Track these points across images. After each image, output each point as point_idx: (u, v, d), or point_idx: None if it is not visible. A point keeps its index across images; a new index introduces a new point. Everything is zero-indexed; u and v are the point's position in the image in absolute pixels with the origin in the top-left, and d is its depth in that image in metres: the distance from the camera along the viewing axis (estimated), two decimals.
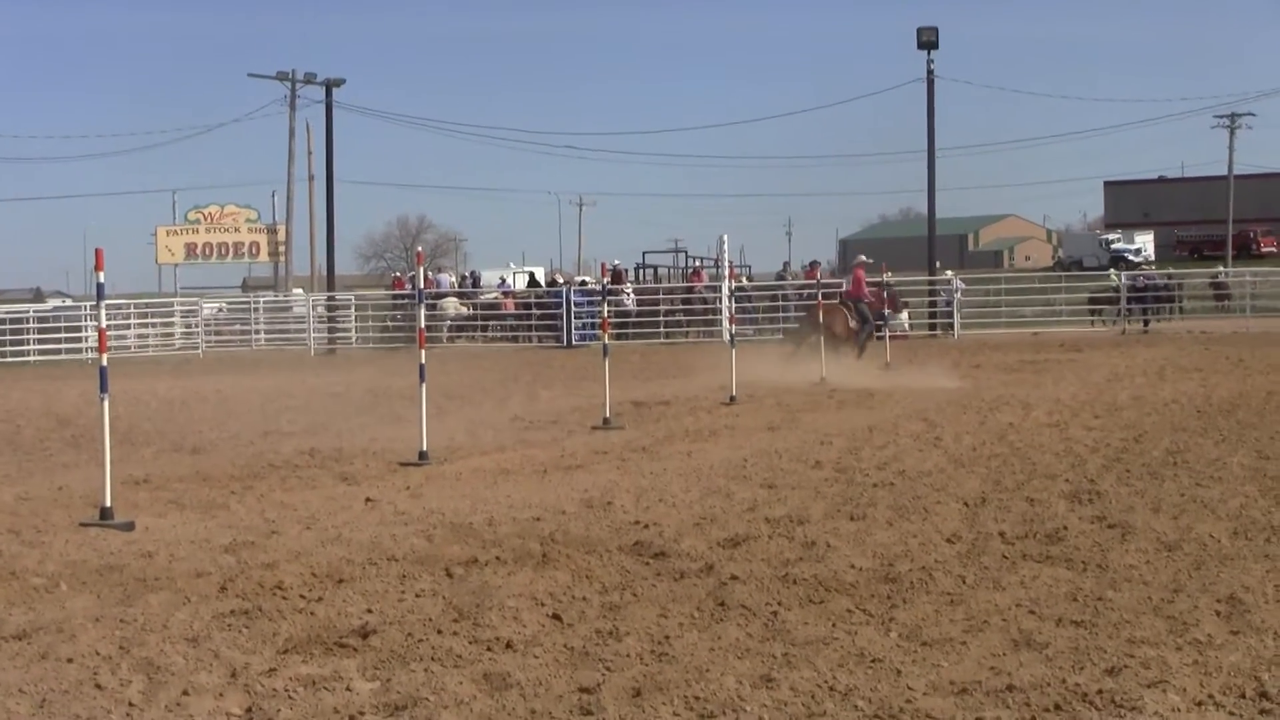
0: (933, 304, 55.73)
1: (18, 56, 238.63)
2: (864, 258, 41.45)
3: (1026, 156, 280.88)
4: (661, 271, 71.08)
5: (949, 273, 59.93)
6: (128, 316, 58.54)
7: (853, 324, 37.28)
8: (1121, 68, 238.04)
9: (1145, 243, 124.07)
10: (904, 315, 53.32)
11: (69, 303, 75.50)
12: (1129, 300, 53.47)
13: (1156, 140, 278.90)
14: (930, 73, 58.99)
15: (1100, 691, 7.70)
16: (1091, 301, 56.68)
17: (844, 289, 39.92)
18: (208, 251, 71.73)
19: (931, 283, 56.96)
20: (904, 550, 11.51)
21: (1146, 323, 52.94)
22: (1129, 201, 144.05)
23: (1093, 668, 8.13)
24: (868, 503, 13.86)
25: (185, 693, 8.03)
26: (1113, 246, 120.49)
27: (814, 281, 45.13)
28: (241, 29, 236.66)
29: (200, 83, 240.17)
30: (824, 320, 35.35)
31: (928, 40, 58.94)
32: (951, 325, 52.98)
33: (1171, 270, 63.96)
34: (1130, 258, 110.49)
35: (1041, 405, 23.42)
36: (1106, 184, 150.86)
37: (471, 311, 58.83)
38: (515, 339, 56.12)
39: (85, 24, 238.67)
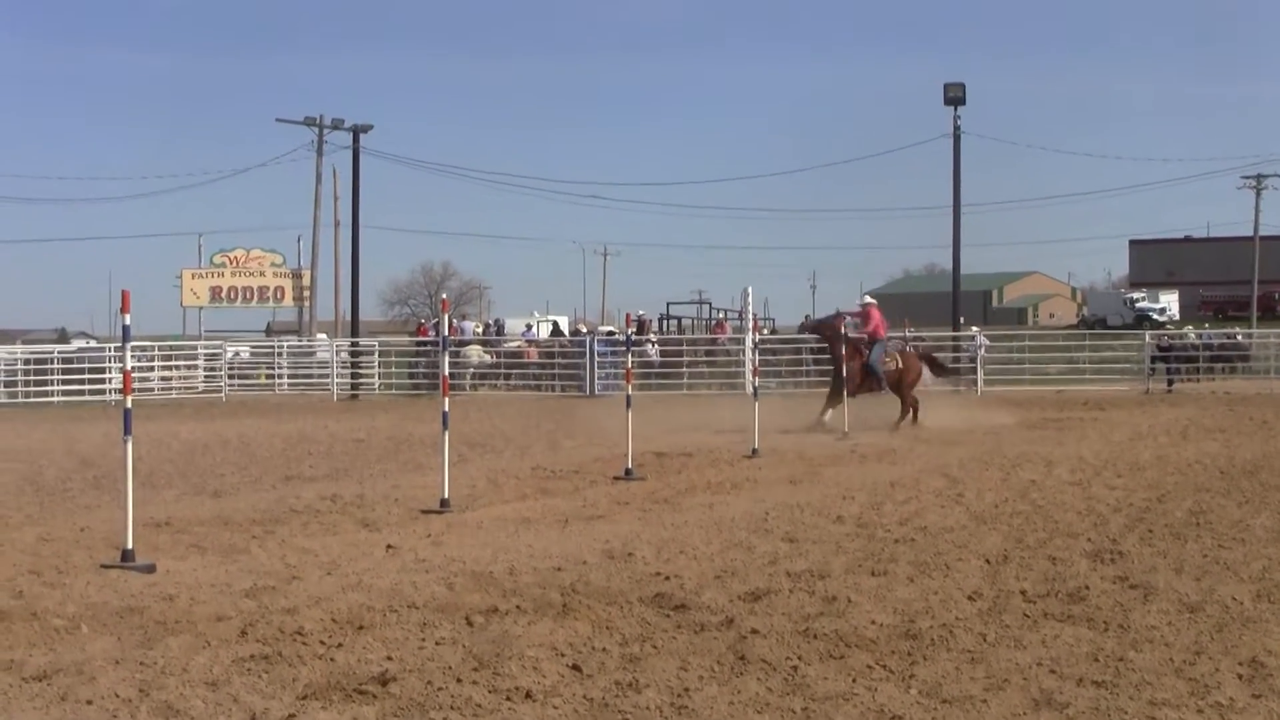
0: (956, 359, 55.63)
1: (44, 97, 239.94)
2: (870, 300, 37.39)
3: (1051, 214, 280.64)
4: (685, 322, 71.11)
5: (974, 329, 59.90)
6: (152, 359, 58.64)
7: (885, 365, 34.64)
8: (1148, 127, 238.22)
9: (1170, 302, 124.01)
10: (926, 370, 53.21)
11: (93, 344, 75.72)
12: (1154, 360, 53.33)
13: (1182, 200, 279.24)
14: (957, 128, 59.11)
15: None
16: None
17: (859, 329, 35.55)
18: (232, 295, 71.84)
19: (955, 338, 56.89)
20: (925, 607, 11.48)
21: (1171, 383, 52.81)
22: (1154, 260, 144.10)
23: None
24: (889, 558, 13.82)
25: None
26: (1137, 305, 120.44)
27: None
28: (268, 73, 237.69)
29: (227, 126, 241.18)
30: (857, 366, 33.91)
31: (954, 96, 59.06)
32: (975, 381, 52.87)
33: (1202, 331, 63.72)
34: (1155, 317, 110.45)
35: (1064, 463, 23.35)
36: (1132, 242, 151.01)
37: (495, 359, 58.86)
38: (538, 388, 56.10)
39: (113, 66, 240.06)
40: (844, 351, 33.58)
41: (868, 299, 36.87)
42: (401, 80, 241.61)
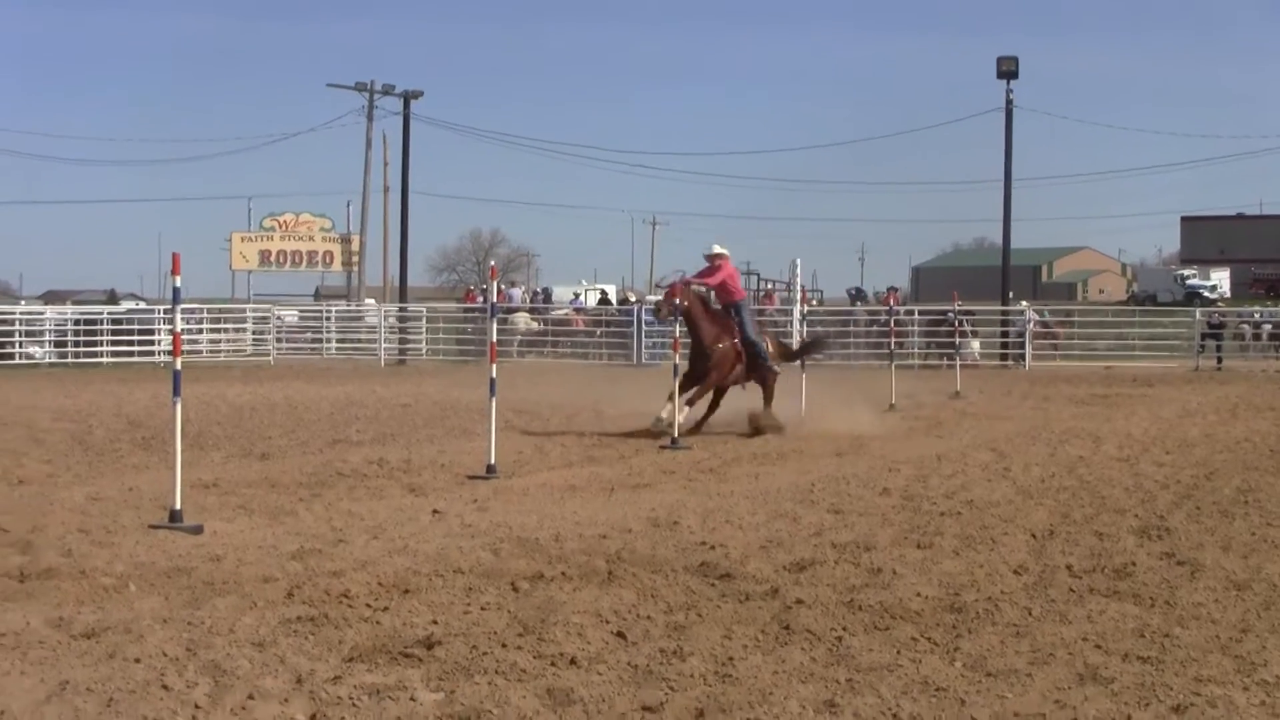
0: (1005, 334, 55.43)
1: (95, 60, 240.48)
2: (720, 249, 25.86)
3: (1102, 189, 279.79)
4: None
5: (1024, 303, 59.69)
6: (200, 321, 58.81)
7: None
8: (1201, 102, 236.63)
9: (1221, 279, 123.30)
10: (975, 344, 53.15)
11: (142, 305, 75.90)
12: (1203, 337, 53.04)
13: (1234, 177, 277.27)
14: (1009, 102, 58.75)
15: None
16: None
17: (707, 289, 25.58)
18: (281, 259, 71.93)
19: (1005, 313, 56.68)
20: (970, 580, 11.47)
21: (1221, 360, 52.54)
22: (1205, 237, 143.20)
23: (1159, 705, 8.08)
24: (934, 531, 13.81)
25: (251, 697, 8.07)
26: (1188, 282, 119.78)
27: (887, 306, 45.01)
28: (320, 38, 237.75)
29: (278, 91, 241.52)
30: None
31: (1007, 70, 58.69)
32: (1023, 356, 52.69)
33: (1260, 309, 63.27)
34: (1205, 294, 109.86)
35: (1112, 439, 23.27)
36: (1183, 219, 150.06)
37: (542, 327, 58.89)
38: (585, 356, 56.06)
39: (165, 29, 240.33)
40: (708, 328, 24.84)
41: (717, 248, 25.78)
42: (452, 47, 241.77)
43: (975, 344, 53.12)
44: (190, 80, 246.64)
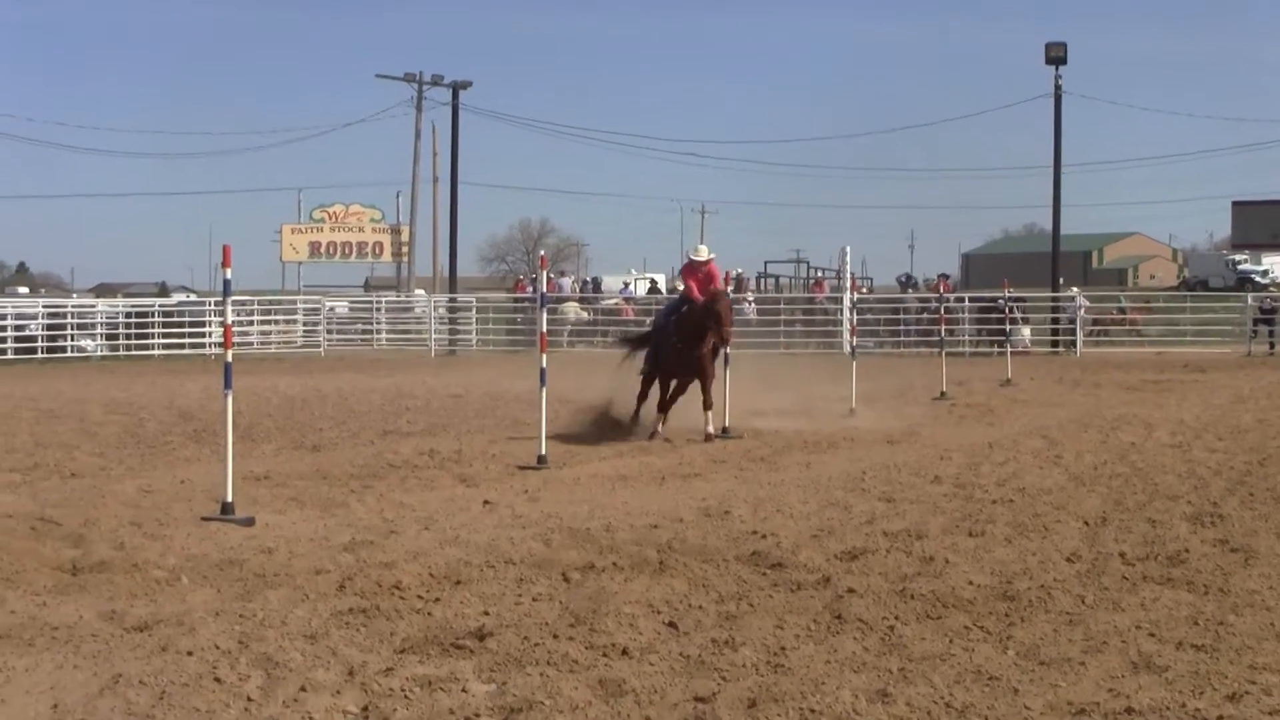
0: (1055, 320, 55.24)
1: (146, 51, 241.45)
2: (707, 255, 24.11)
3: (1153, 174, 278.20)
4: (783, 281, 70.96)
5: (1074, 289, 59.46)
6: (251, 313, 59.01)
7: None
8: (1252, 88, 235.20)
9: (1273, 264, 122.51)
10: (1026, 331, 52.96)
11: (193, 298, 76.27)
12: (1256, 322, 52.70)
13: None
14: (1058, 88, 58.48)
15: (1221, 717, 7.64)
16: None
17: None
18: (331, 250, 72.03)
19: (1055, 299, 56.47)
20: (1023, 568, 11.43)
21: (1273, 345, 52.22)
22: (1257, 222, 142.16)
23: (1213, 693, 8.04)
24: (987, 519, 13.77)
25: (303, 689, 8.09)
26: (1239, 268, 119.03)
27: (937, 294, 44.89)
28: (369, 29, 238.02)
29: (328, 82, 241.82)
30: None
31: (1056, 56, 58.41)
32: (1074, 343, 52.51)
33: None
34: (1257, 279, 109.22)
35: (1164, 426, 23.15)
36: (1234, 204, 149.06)
37: (592, 317, 58.90)
38: None
39: (215, 21, 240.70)
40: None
41: (704, 253, 24.14)
42: (501, 37, 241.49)
43: (1026, 331, 52.94)
44: (240, 72, 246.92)
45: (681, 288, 25.10)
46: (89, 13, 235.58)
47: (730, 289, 24.14)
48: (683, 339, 22.56)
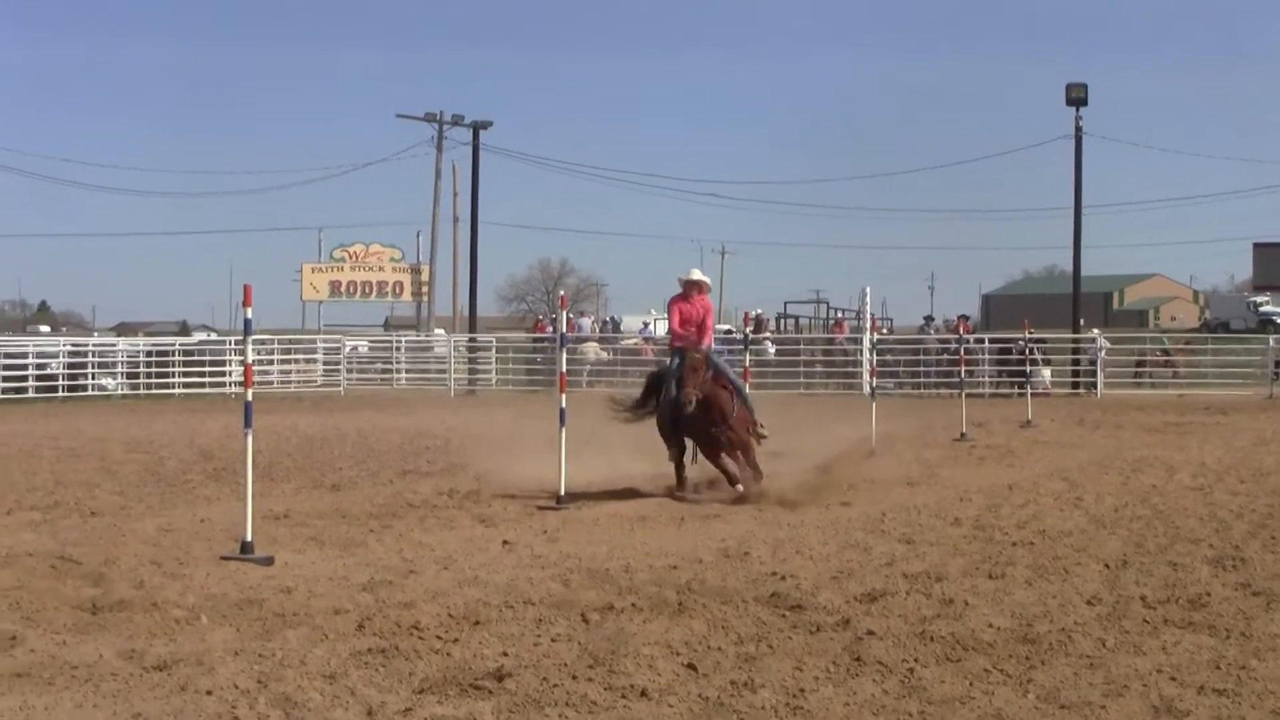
0: (1076, 362, 55.17)
1: (167, 94, 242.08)
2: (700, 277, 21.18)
3: (1173, 216, 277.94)
4: (803, 322, 70.96)
5: (1094, 331, 59.37)
6: (271, 352, 59.09)
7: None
8: (1273, 127, 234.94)
9: None
10: (1046, 372, 52.88)
11: (214, 337, 76.41)
12: (1278, 364, 52.53)
13: None
14: (1079, 129, 58.49)
15: None
16: None
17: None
18: (351, 290, 72.25)
19: (1075, 340, 56.40)
20: (1043, 611, 11.39)
21: None
22: (1278, 264, 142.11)
23: None
24: (1007, 561, 13.73)
25: None
26: (1261, 309, 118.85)
27: (957, 335, 44.84)
28: (388, 69, 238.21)
29: (347, 122, 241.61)
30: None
31: (1076, 97, 58.40)
32: (1095, 384, 52.43)
33: None
34: (1279, 320, 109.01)
35: (1186, 468, 23.10)
36: (1256, 245, 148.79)
37: (611, 356, 58.90)
38: None
39: (235, 61, 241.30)
40: (722, 392, 20.10)
41: (697, 274, 21.19)
42: (521, 76, 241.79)
43: (1046, 372, 52.85)
44: (261, 111, 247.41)
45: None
46: (110, 52, 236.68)
47: (750, 330, 23.80)
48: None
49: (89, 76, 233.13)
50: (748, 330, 29.57)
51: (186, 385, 53.77)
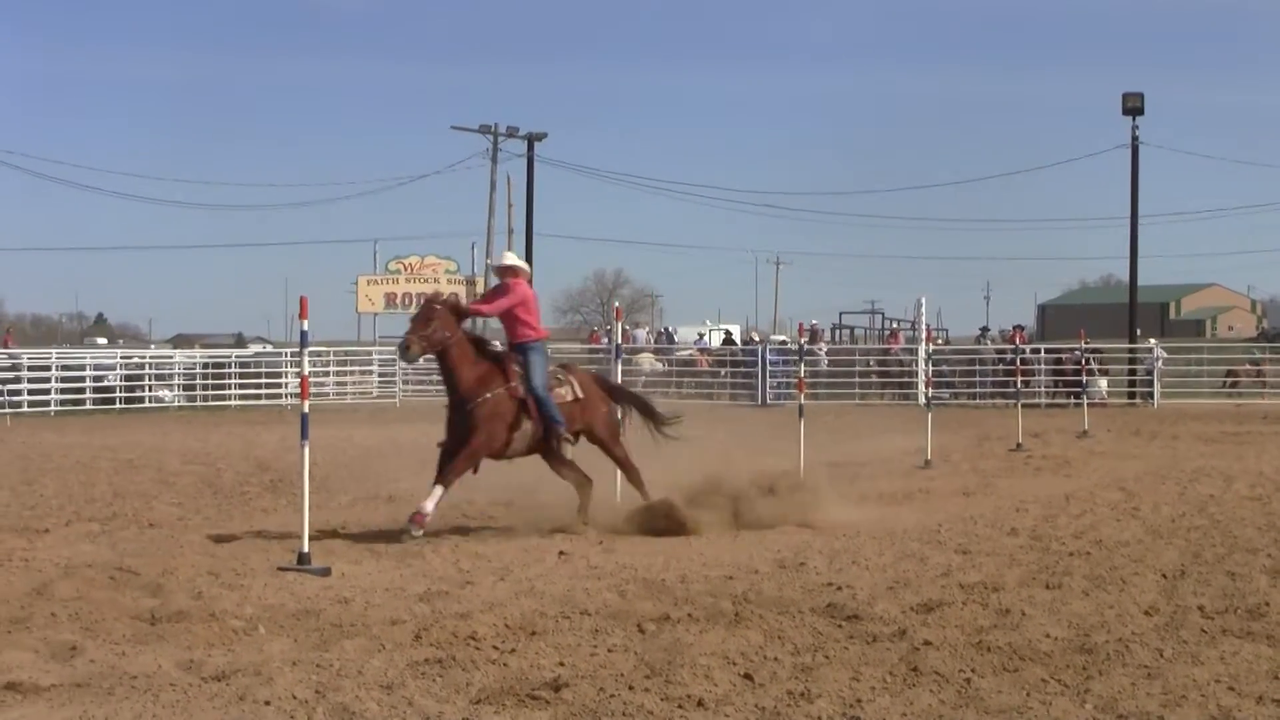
0: (1133, 372, 54.96)
1: (222, 105, 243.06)
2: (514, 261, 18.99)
3: (1230, 225, 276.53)
4: (858, 332, 70.89)
5: (1151, 341, 59.13)
6: (327, 364, 59.24)
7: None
8: None
9: None
10: (1103, 382, 52.65)
11: (270, 349, 76.66)
12: None
13: None
14: (1135, 139, 58.29)
15: None
16: None
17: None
18: (407, 301, 72.26)
19: (1132, 350, 56.20)
20: (1100, 621, 11.36)
21: None
22: None
23: None
24: (1063, 571, 13.69)
25: None
26: None
27: (1013, 345, 44.71)
28: (444, 81, 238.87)
29: (403, 134, 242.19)
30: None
31: (1133, 106, 58.22)
32: (1151, 394, 52.21)
33: None
34: None
35: (1243, 478, 23.00)
36: None
37: (667, 367, 58.91)
38: (710, 396, 55.95)
39: (293, 73, 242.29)
40: (470, 372, 17.47)
41: (510, 258, 19.23)
42: (574, 89, 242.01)
43: (1103, 382, 52.65)
44: (317, 125, 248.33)
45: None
46: (168, 68, 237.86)
47: (805, 340, 23.77)
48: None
49: (148, 92, 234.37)
50: (802, 341, 29.55)
51: (243, 397, 53.95)
